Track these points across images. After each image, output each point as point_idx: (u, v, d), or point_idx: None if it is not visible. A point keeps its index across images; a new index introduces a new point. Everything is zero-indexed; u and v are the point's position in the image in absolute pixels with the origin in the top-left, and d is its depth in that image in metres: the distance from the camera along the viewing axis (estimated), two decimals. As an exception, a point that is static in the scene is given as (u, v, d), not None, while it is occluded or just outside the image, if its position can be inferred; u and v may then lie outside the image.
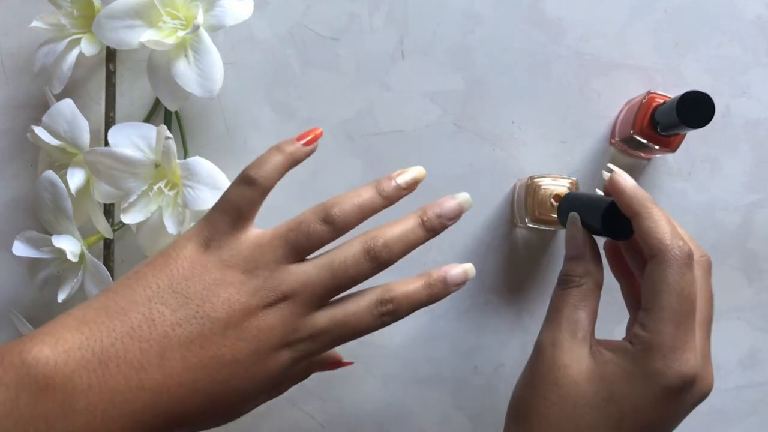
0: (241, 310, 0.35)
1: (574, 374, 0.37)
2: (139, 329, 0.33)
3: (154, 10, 0.44)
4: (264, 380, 0.36)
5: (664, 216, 0.37)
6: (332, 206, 0.37)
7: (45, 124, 0.46)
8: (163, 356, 0.33)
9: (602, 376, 0.36)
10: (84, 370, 0.32)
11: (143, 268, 0.36)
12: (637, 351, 0.36)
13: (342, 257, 0.37)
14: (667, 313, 0.35)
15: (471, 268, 0.40)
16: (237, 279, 0.35)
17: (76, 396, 0.31)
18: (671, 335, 0.35)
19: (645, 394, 0.35)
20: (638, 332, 0.36)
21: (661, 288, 0.36)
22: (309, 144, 0.39)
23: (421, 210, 0.39)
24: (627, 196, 0.38)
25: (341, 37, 0.51)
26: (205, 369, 0.34)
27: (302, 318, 0.36)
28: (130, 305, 0.34)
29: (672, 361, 0.35)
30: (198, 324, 0.34)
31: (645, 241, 0.37)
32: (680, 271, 0.36)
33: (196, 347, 0.34)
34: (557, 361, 0.37)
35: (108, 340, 0.32)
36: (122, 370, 0.32)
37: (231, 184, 0.38)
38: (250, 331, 0.35)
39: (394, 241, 0.37)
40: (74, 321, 0.33)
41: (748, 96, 0.51)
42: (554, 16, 0.51)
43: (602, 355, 0.37)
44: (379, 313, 0.37)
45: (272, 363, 0.36)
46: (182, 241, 0.37)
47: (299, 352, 0.37)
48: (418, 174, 0.40)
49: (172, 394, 0.33)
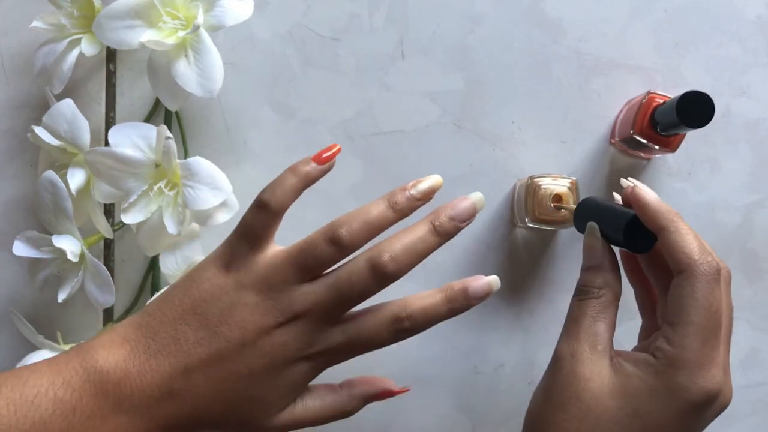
0: (254, 330, 0.38)
1: (595, 388, 0.36)
2: (168, 347, 0.38)
3: (154, 10, 0.44)
4: (281, 390, 0.39)
5: (691, 230, 0.37)
6: (340, 226, 0.38)
7: (45, 124, 0.46)
8: (187, 370, 0.38)
9: (625, 391, 0.36)
10: (128, 379, 0.37)
11: (172, 290, 0.40)
12: (662, 365, 0.36)
13: (347, 275, 0.38)
14: (695, 328, 0.35)
15: (496, 280, 0.40)
16: (251, 300, 0.38)
17: (123, 399, 0.37)
18: (698, 351, 0.35)
19: (669, 409, 0.35)
20: (663, 346, 0.36)
21: (688, 303, 0.36)
22: (325, 162, 0.40)
23: (432, 214, 0.39)
24: (651, 210, 0.37)
25: (341, 37, 0.51)
26: (224, 382, 0.38)
27: (316, 334, 0.38)
28: (161, 326, 0.38)
29: (698, 377, 0.35)
30: (216, 343, 0.38)
31: (672, 255, 0.37)
32: (708, 287, 0.35)
33: (215, 363, 0.38)
34: (578, 374, 0.37)
35: (144, 356, 0.38)
36: (155, 380, 0.37)
37: (248, 209, 0.40)
38: (264, 348, 0.38)
39: (401, 253, 0.38)
40: (119, 338, 0.38)
41: (748, 96, 0.51)
42: (554, 16, 0.51)
43: (623, 368, 0.37)
44: (395, 329, 0.39)
45: (289, 375, 0.39)
46: (205, 264, 0.40)
47: (317, 364, 0.39)
48: (435, 183, 0.40)
49: (195, 402, 0.38)
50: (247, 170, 0.51)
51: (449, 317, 0.39)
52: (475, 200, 0.39)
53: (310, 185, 0.40)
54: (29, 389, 0.36)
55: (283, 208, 0.39)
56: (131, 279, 0.51)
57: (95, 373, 0.37)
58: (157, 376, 0.37)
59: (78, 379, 0.37)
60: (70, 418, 0.36)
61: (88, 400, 0.36)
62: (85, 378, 0.37)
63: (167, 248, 0.47)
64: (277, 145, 0.51)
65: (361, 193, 0.51)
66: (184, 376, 0.38)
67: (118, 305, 0.51)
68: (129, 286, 0.51)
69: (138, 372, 0.37)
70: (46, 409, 0.35)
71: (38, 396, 0.36)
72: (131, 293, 0.51)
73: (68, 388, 0.36)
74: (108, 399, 0.37)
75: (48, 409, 0.35)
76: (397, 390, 0.42)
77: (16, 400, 0.35)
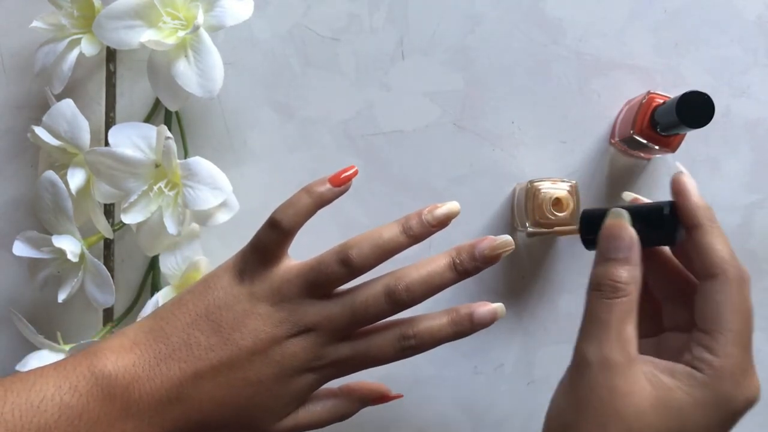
0: (266, 339, 0.39)
1: (637, 403, 0.33)
2: (179, 351, 0.38)
3: (154, 10, 0.44)
4: (287, 398, 0.40)
5: (723, 233, 0.36)
6: (351, 248, 0.39)
7: (45, 124, 0.46)
8: (197, 375, 0.38)
9: (668, 405, 0.34)
10: (136, 384, 0.37)
11: (186, 295, 0.40)
12: (708, 377, 0.34)
13: (363, 297, 0.39)
14: (734, 336, 0.34)
15: (501, 308, 0.40)
16: (265, 311, 0.39)
17: (131, 404, 0.37)
18: (740, 358, 0.34)
19: (715, 420, 0.34)
20: (705, 356, 0.34)
21: (725, 309, 0.34)
22: (341, 184, 0.40)
23: (455, 249, 0.40)
24: (693, 202, 0.36)
25: (341, 37, 0.51)
26: (233, 388, 0.38)
27: (325, 347, 0.40)
28: (173, 330, 0.39)
29: (743, 386, 0.34)
30: (228, 350, 0.38)
31: (705, 257, 0.35)
32: (741, 292, 0.34)
33: (225, 369, 0.38)
34: (615, 388, 0.34)
35: (154, 360, 0.38)
36: (165, 384, 0.37)
37: (262, 226, 0.40)
38: (274, 357, 0.39)
39: (417, 285, 0.39)
40: (129, 341, 0.39)
41: (748, 96, 0.51)
42: (554, 16, 0.51)
43: (661, 381, 0.34)
44: (401, 347, 0.40)
45: (295, 384, 0.40)
46: (220, 272, 0.41)
47: (323, 375, 0.40)
48: (451, 210, 0.40)
49: (203, 406, 0.38)
50: (247, 170, 0.51)
51: (454, 339, 0.40)
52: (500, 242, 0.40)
53: (323, 206, 0.40)
54: (35, 394, 0.36)
55: (295, 228, 0.40)
56: (131, 279, 0.51)
57: (103, 377, 0.37)
58: (167, 381, 0.37)
59: (85, 383, 0.37)
60: (75, 423, 0.36)
61: (95, 404, 0.36)
62: (93, 382, 0.37)
63: (167, 248, 0.47)
64: (277, 145, 0.51)
65: (361, 193, 0.51)
66: (194, 381, 0.38)
67: (118, 305, 0.51)
68: (129, 286, 0.51)
69: (147, 376, 0.37)
70: (51, 414, 0.35)
71: (44, 401, 0.36)
72: (131, 293, 0.51)
73: (75, 393, 0.36)
74: (115, 404, 0.37)
75: (54, 414, 0.35)
76: (392, 396, 0.44)
77: (21, 405, 0.35)
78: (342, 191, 0.41)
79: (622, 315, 0.35)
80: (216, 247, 0.42)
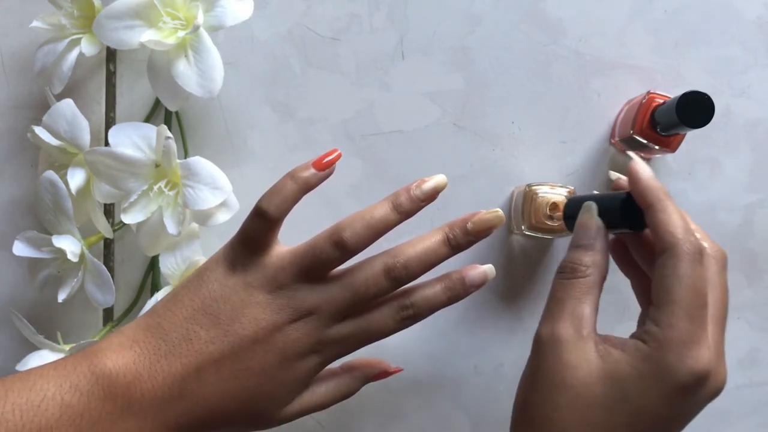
0: (267, 327, 0.39)
1: (583, 375, 0.35)
2: (179, 347, 0.38)
3: (154, 10, 0.44)
4: (292, 384, 0.40)
5: (677, 210, 0.36)
6: (344, 229, 0.39)
7: (45, 124, 0.46)
8: (200, 369, 0.38)
9: (613, 377, 0.35)
10: (138, 381, 0.37)
11: (180, 290, 0.40)
12: (651, 348, 0.34)
13: (363, 277, 0.40)
14: (679, 307, 0.34)
15: (491, 269, 0.41)
16: (263, 299, 0.39)
17: (132, 402, 0.37)
18: (684, 330, 0.34)
19: (658, 393, 0.34)
20: (650, 329, 0.35)
21: (672, 282, 0.35)
22: (325, 168, 0.40)
23: (448, 225, 0.41)
24: (642, 186, 0.36)
25: (341, 37, 0.51)
26: (237, 379, 0.38)
27: (326, 329, 0.40)
28: (171, 326, 0.39)
29: (686, 357, 0.34)
30: (229, 341, 0.38)
31: (657, 233, 0.36)
32: (692, 266, 0.34)
33: (228, 361, 0.38)
34: (564, 361, 0.36)
35: (155, 357, 0.38)
36: (167, 381, 0.37)
37: (248, 216, 0.40)
38: (276, 344, 0.39)
39: (414, 262, 0.40)
40: (128, 340, 0.38)
41: (748, 96, 0.51)
42: (554, 16, 0.51)
43: (610, 354, 0.35)
44: (401, 317, 0.41)
45: (299, 369, 0.40)
46: (212, 264, 0.41)
47: (326, 356, 0.40)
48: (439, 183, 0.41)
49: (207, 401, 0.38)
50: (247, 170, 0.51)
51: (449, 304, 0.41)
52: (493, 215, 0.41)
53: (309, 191, 0.40)
54: (36, 394, 0.36)
55: (281, 216, 0.40)
56: (131, 279, 0.51)
57: (104, 376, 0.37)
58: (169, 377, 0.37)
59: (86, 382, 0.36)
60: (77, 422, 0.36)
61: (97, 404, 0.36)
62: (94, 382, 0.36)
63: (167, 248, 0.47)
64: (277, 145, 0.51)
65: (361, 193, 0.51)
66: (197, 375, 0.38)
67: (118, 305, 0.51)
68: (129, 286, 0.51)
69: (149, 374, 0.37)
70: (52, 414, 0.35)
71: (45, 400, 0.35)
72: (131, 293, 0.51)
73: (76, 392, 0.36)
74: (117, 402, 0.36)
75: (55, 414, 0.35)
76: (392, 370, 0.44)
77: (22, 405, 0.35)
78: (326, 175, 0.40)
79: (578, 294, 0.37)
80: (216, 247, 0.42)
